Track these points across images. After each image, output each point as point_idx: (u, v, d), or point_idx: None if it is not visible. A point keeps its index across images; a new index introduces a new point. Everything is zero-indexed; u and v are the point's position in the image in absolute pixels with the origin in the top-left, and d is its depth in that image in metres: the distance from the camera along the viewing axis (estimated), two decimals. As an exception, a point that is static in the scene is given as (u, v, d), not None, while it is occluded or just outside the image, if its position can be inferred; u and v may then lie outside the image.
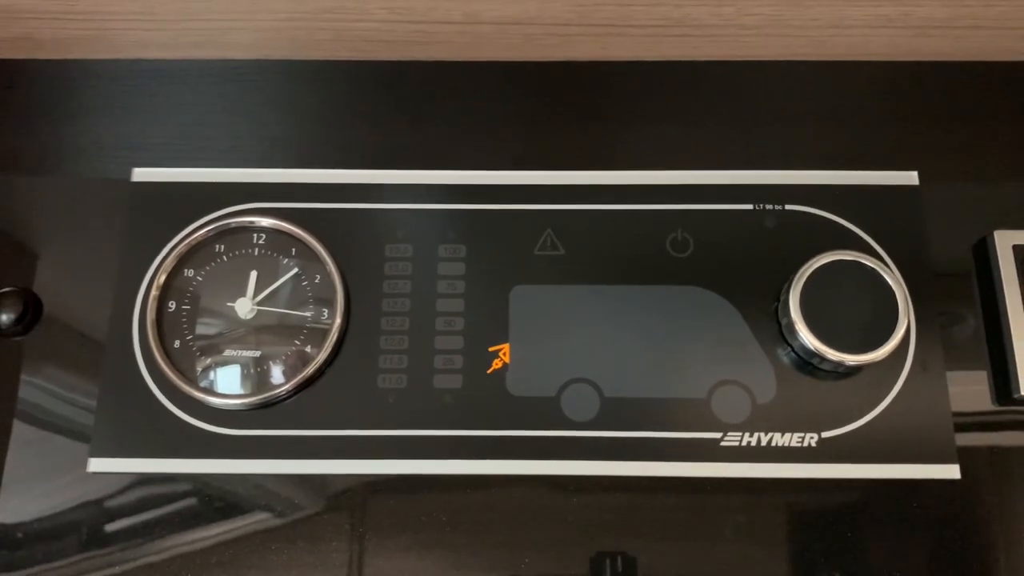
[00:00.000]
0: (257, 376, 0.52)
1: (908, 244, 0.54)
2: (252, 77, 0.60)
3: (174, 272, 0.54)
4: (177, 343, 0.53)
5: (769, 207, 0.55)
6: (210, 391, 0.52)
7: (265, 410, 0.52)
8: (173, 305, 0.54)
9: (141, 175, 0.57)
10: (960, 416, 0.51)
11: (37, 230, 0.56)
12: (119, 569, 0.51)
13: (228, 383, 0.52)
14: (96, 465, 0.51)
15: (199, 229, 0.55)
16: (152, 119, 0.59)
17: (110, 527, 0.51)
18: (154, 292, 0.54)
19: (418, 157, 0.57)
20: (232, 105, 0.60)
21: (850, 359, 0.50)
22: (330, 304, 0.53)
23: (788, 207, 0.55)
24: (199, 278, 0.54)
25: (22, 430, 0.53)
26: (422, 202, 0.56)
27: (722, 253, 0.54)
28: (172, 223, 0.55)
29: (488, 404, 0.52)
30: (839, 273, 0.51)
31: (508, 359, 0.53)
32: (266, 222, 0.55)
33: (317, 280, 0.54)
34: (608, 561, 0.50)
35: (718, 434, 0.51)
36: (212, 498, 0.52)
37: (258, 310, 0.54)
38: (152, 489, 0.52)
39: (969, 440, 0.51)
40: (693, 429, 0.51)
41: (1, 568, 0.51)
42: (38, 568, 0.51)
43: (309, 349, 0.53)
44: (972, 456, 0.51)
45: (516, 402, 0.52)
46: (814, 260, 0.51)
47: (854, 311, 0.50)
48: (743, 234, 0.55)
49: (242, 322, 0.53)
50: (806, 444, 0.51)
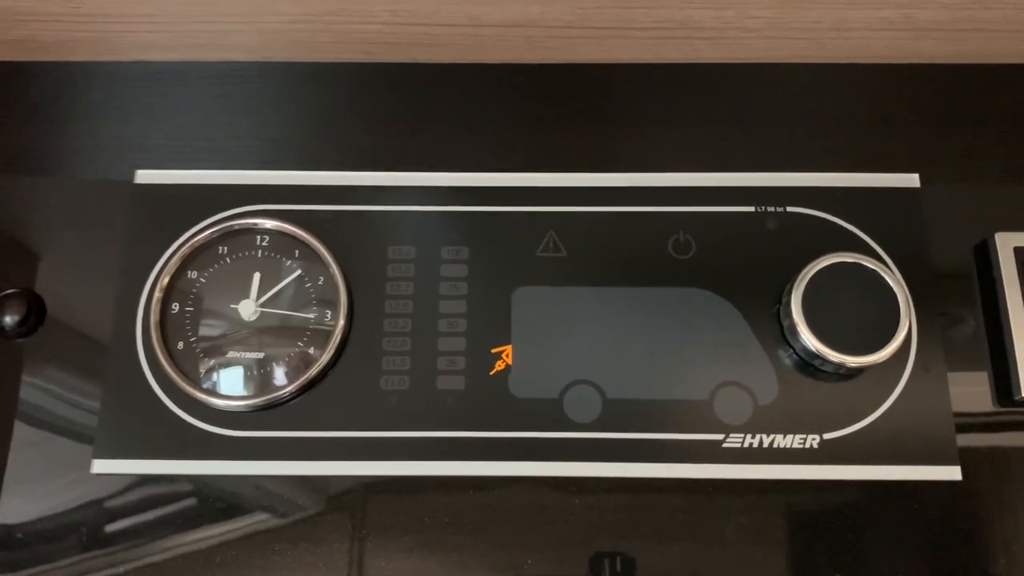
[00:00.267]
0: (260, 378, 0.53)
1: (909, 246, 0.54)
2: (254, 79, 0.60)
3: (177, 274, 0.54)
4: (180, 345, 0.53)
5: (771, 209, 0.55)
6: (213, 392, 0.52)
7: (268, 411, 0.52)
8: (176, 307, 0.54)
9: (144, 177, 0.57)
10: (961, 417, 0.51)
11: (41, 232, 0.56)
12: (122, 569, 0.51)
13: (231, 385, 0.53)
14: (100, 466, 0.51)
15: (202, 231, 0.55)
16: (154, 121, 0.59)
17: (113, 528, 0.51)
18: (157, 294, 0.54)
19: (420, 159, 0.58)
20: (234, 107, 0.60)
21: (852, 361, 0.50)
22: (333, 306, 0.53)
23: (790, 209, 0.55)
24: (202, 280, 0.54)
25: (25, 431, 0.53)
26: (425, 204, 0.56)
27: (724, 255, 0.54)
28: (175, 225, 0.55)
29: (490, 405, 0.52)
30: (841, 275, 0.51)
31: (511, 361, 0.53)
32: (269, 224, 0.55)
33: (320, 282, 0.54)
34: (610, 562, 0.50)
35: (720, 435, 0.51)
36: (215, 499, 0.52)
37: (261, 312, 0.54)
38: (155, 490, 0.52)
39: (970, 441, 0.51)
40: (695, 431, 0.51)
41: (4, 569, 0.51)
42: (41, 568, 0.51)
43: (312, 351, 0.53)
44: (973, 457, 0.51)
45: (518, 403, 0.52)
46: (816, 262, 0.51)
47: (856, 313, 0.51)
48: (745, 236, 0.55)
49: (245, 324, 0.53)
50: (808, 445, 0.51)
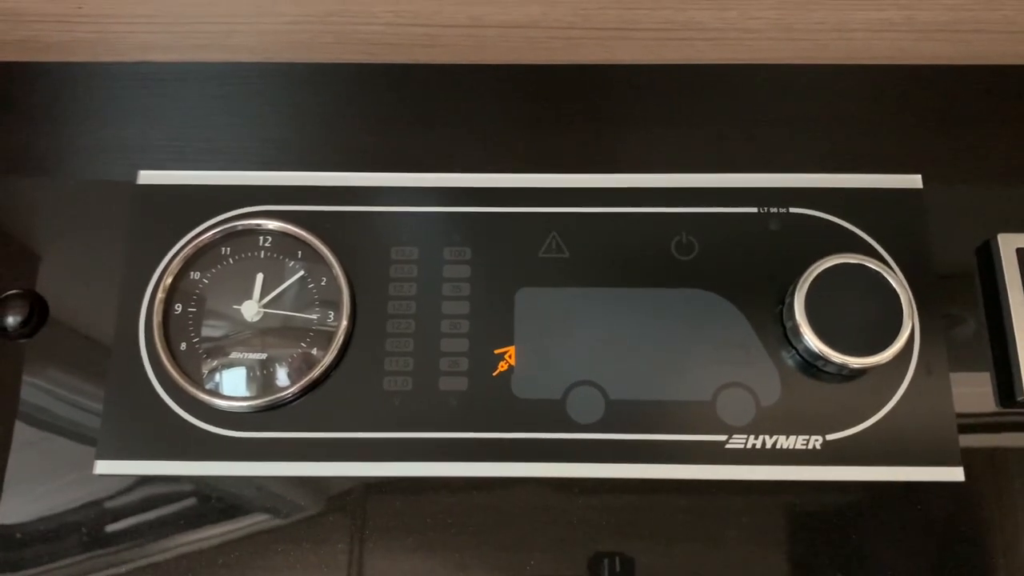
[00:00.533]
0: (263, 378, 0.53)
1: (912, 247, 0.54)
2: (256, 80, 0.60)
3: (180, 274, 0.54)
4: (183, 345, 0.53)
5: (773, 210, 0.55)
6: (216, 393, 0.52)
7: (271, 412, 0.52)
8: (179, 307, 0.54)
9: (147, 178, 0.57)
10: (964, 418, 0.51)
11: (43, 232, 0.56)
12: (124, 569, 0.51)
13: (234, 385, 0.53)
14: (102, 467, 0.51)
15: (205, 232, 0.55)
16: (156, 122, 0.59)
17: (115, 528, 0.51)
18: (160, 294, 0.54)
19: (423, 160, 0.58)
20: (236, 108, 0.60)
21: (854, 362, 0.50)
22: (336, 307, 0.53)
23: (792, 210, 0.55)
24: (205, 281, 0.54)
25: (27, 432, 0.53)
26: (427, 205, 0.56)
27: (727, 256, 0.54)
28: (178, 226, 0.55)
29: (493, 406, 0.52)
30: (843, 276, 0.51)
31: (513, 361, 0.53)
32: (272, 225, 0.55)
33: (323, 283, 0.54)
34: (612, 563, 0.50)
35: (723, 436, 0.51)
36: (217, 500, 0.52)
37: (264, 312, 0.54)
38: (157, 490, 0.52)
39: (973, 442, 0.51)
40: (698, 432, 0.51)
41: (5, 569, 0.51)
42: (43, 569, 0.51)
43: (315, 351, 0.53)
44: (976, 458, 0.51)
45: (521, 404, 0.52)
46: (819, 263, 0.51)
47: (858, 314, 0.51)
48: (748, 237, 0.55)
49: (248, 324, 0.53)
50: (811, 447, 0.51)
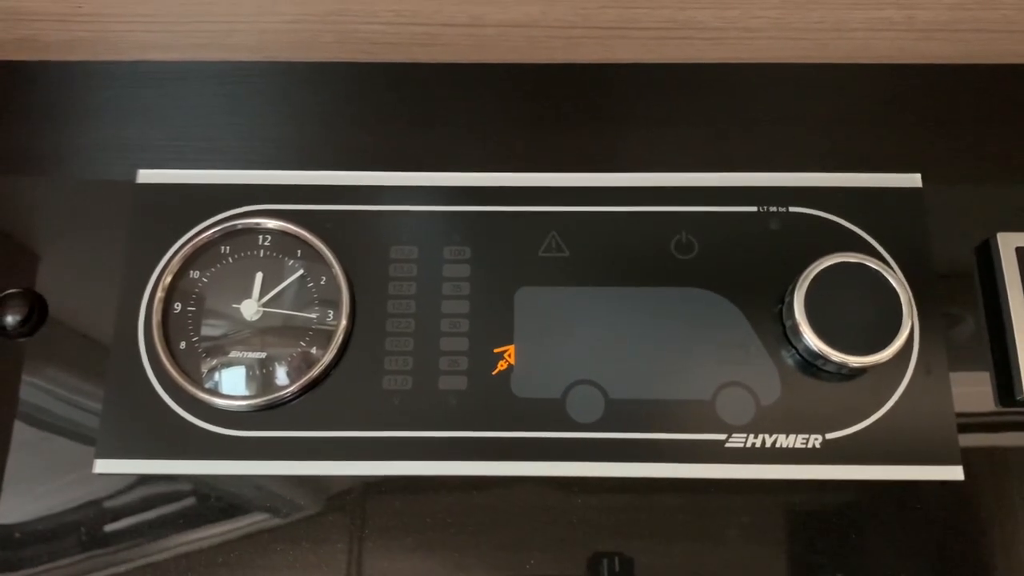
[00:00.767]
0: (262, 377, 0.53)
1: (911, 246, 0.54)
2: (256, 79, 0.60)
3: (180, 273, 0.54)
4: (183, 344, 0.53)
5: (773, 209, 0.55)
6: (215, 392, 0.52)
7: (270, 411, 0.52)
8: (179, 306, 0.54)
9: (146, 176, 0.57)
10: (963, 417, 0.51)
11: (42, 231, 0.56)
12: (123, 569, 0.51)
13: (233, 384, 0.52)
14: (102, 466, 0.51)
15: (205, 231, 0.55)
16: (156, 121, 0.59)
17: (114, 528, 0.51)
18: (160, 293, 0.54)
19: (422, 159, 0.57)
20: (236, 107, 0.60)
21: (854, 361, 0.50)
22: (335, 306, 0.53)
23: (792, 209, 0.55)
24: (204, 280, 0.54)
25: (26, 431, 0.53)
26: (427, 204, 0.56)
27: (726, 255, 0.54)
28: (177, 225, 0.55)
29: (493, 406, 0.52)
30: (843, 275, 0.51)
31: (513, 361, 0.53)
32: (272, 224, 0.55)
33: (322, 282, 0.54)
34: (612, 562, 0.50)
35: (723, 436, 0.51)
36: (216, 499, 0.52)
37: (263, 311, 0.54)
38: (156, 489, 0.52)
39: (972, 441, 0.51)
40: (698, 431, 0.51)
41: (4, 568, 0.51)
42: (42, 568, 0.51)
43: (314, 351, 0.53)
44: (975, 457, 0.51)
45: (521, 404, 0.52)
46: (818, 262, 0.51)
47: (858, 313, 0.51)
48: (747, 236, 0.55)
49: (247, 323, 0.53)
50: (810, 445, 0.51)
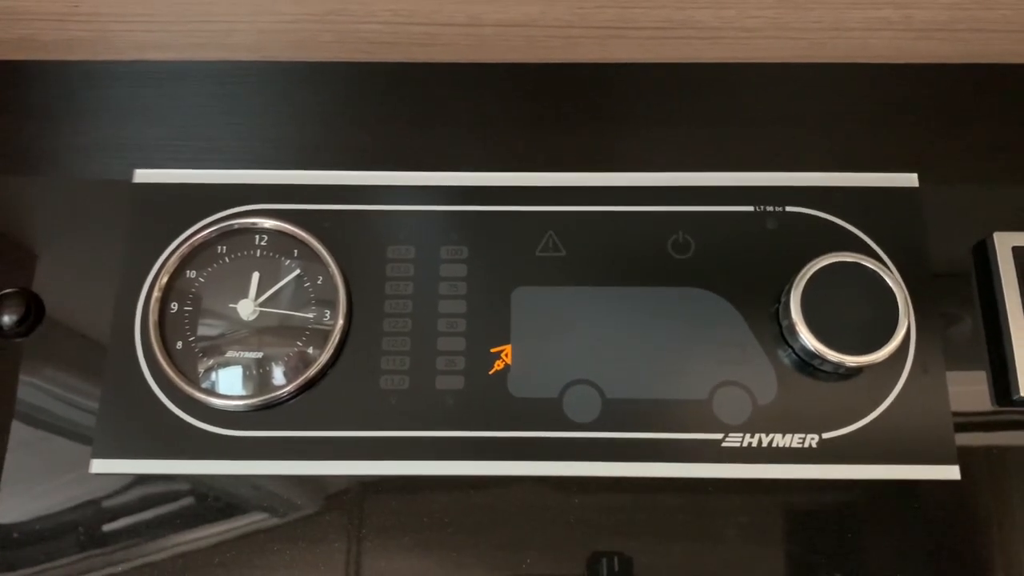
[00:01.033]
0: (259, 377, 0.53)
1: (908, 246, 0.54)
2: (254, 78, 0.60)
3: (176, 273, 0.54)
4: (179, 344, 0.53)
5: (770, 209, 0.55)
6: (212, 392, 0.52)
7: (267, 411, 0.52)
8: (175, 306, 0.54)
9: (143, 176, 0.57)
10: (960, 417, 0.51)
11: (39, 231, 0.56)
12: (120, 569, 0.51)
13: (230, 384, 0.53)
14: (98, 466, 0.51)
15: (201, 230, 0.55)
16: (154, 120, 0.59)
17: (111, 527, 0.51)
18: (156, 293, 0.54)
19: (420, 158, 0.58)
20: (234, 106, 0.60)
21: (850, 360, 0.50)
22: (332, 305, 0.53)
23: (789, 209, 0.55)
24: (201, 279, 0.54)
25: (23, 431, 0.53)
26: (424, 203, 0.56)
27: (723, 255, 0.54)
28: (174, 224, 0.55)
29: (490, 405, 0.52)
30: (840, 275, 0.51)
31: (510, 360, 0.53)
32: (268, 223, 0.55)
33: (319, 281, 0.54)
34: (609, 562, 0.50)
35: (719, 435, 0.51)
36: (213, 499, 0.52)
37: (260, 311, 0.54)
38: (153, 489, 0.52)
39: (969, 441, 0.51)
40: (694, 430, 0.51)
41: (3, 568, 0.51)
42: (39, 568, 0.51)
43: (311, 350, 0.53)
44: (972, 457, 0.51)
45: (518, 403, 0.52)
46: (815, 262, 0.51)
47: (854, 313, 0.51)
48: (744, 236, 0.55)
49: (244, 323, 0.53)
50: (807, 445, 0.51)
